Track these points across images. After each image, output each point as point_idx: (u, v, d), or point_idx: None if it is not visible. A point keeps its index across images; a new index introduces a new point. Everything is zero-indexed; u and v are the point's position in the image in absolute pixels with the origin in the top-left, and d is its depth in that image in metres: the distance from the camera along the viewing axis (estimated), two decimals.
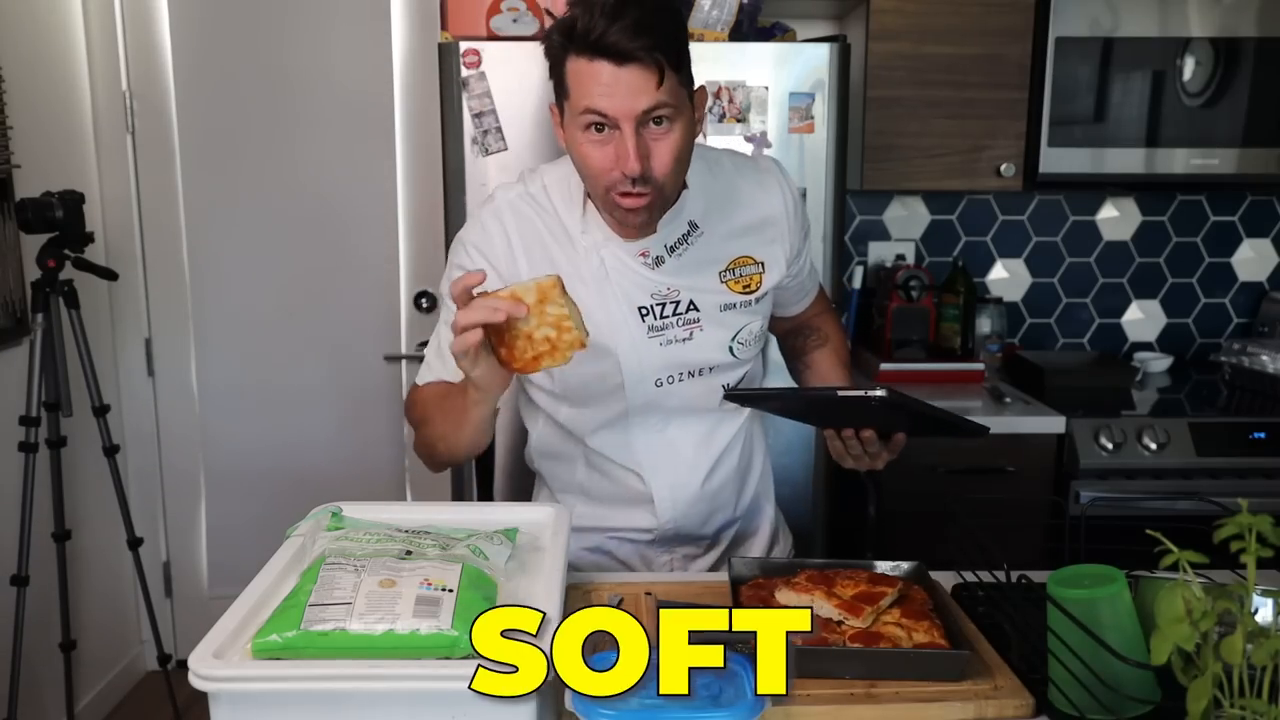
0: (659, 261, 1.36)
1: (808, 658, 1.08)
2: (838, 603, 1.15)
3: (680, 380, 1.40)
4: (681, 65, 1.22)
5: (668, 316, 1.37)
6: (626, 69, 1.17)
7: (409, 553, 1.07)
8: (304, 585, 1.00)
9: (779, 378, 1.83)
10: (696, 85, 1.29)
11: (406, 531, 1.14)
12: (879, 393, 1.14)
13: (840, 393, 1.22)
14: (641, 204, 1.25)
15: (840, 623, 1.13)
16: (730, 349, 1.41)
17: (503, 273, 1.36)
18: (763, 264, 1.42)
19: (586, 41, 1.17)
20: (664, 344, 1.38)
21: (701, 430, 1.45)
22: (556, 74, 1.23)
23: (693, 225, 1.38)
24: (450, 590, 0.98)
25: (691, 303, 1.38)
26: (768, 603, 1.18)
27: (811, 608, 1.15)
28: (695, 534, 1.49)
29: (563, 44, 1.20)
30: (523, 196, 1.39)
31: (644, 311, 1.37)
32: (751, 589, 1.21)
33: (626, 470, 1.45)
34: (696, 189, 1.38)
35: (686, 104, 1.24)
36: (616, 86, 1.18)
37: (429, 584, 0.98)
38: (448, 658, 0.92)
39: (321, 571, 1.01)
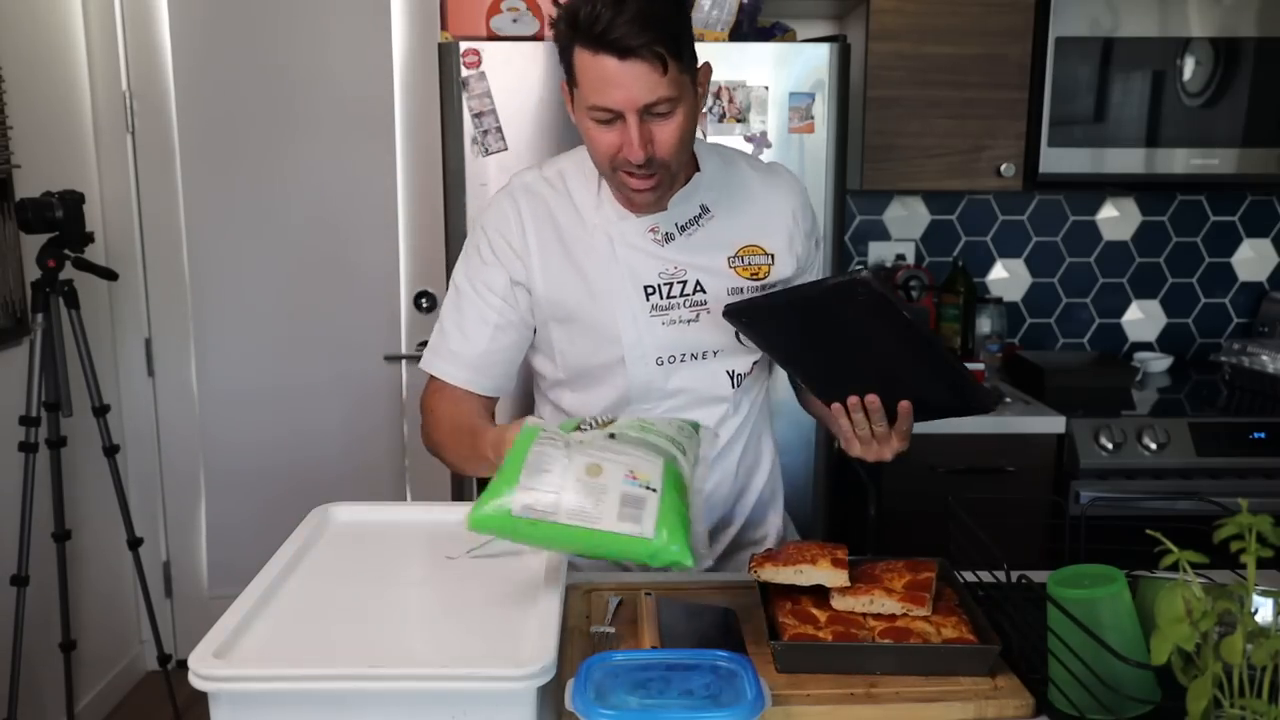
0: (668, 238, 1.39)
1: (838, 654, 1.08)
2: (899, 596, 1.14)
3: (682, 361, 1.41)
4: (683, 52, 1.24)
5: (674, 297, 1.39)
6: (629, 63, 1.19)
7: (613, 436, 1.07)
8: (513, 461, 0.99)
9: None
10: (700, 63, 1.31)
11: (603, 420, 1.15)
12: (864, 272, 1.13)
13: (830, 281, 1.21)
14: (649, 185, 1.30)
15: (899, 616, 1.13)
16: (736, 334, 1.41)
17: (515, 249, 1.41)
18: (772, 255, 1.43)
19: (591, 34, 1.19)
20: (667, 324, 1.40)
21: (709, 420, 1.44)
22: (565, 60, 1.26)
23: (704, 208, 1.41)
24: (654, 490, 0.98)
25: (699, 283, 1.40)
26: (808, 609, 1.16)
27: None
28: None
29: (569, 33, 1.22)
30: (538, 179, 1.43)
31: (650, 290, 1.39)
32: (784, 596, 1.18)
33: None
34: (710, 176, 1.42)
35: (689, 88, 1.27)
36: (620, 80, 1.20)
37: (634, 478, 0.98)
38: (647, 564, 0.95)
39: (533, 446, 1.00)
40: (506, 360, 1.47)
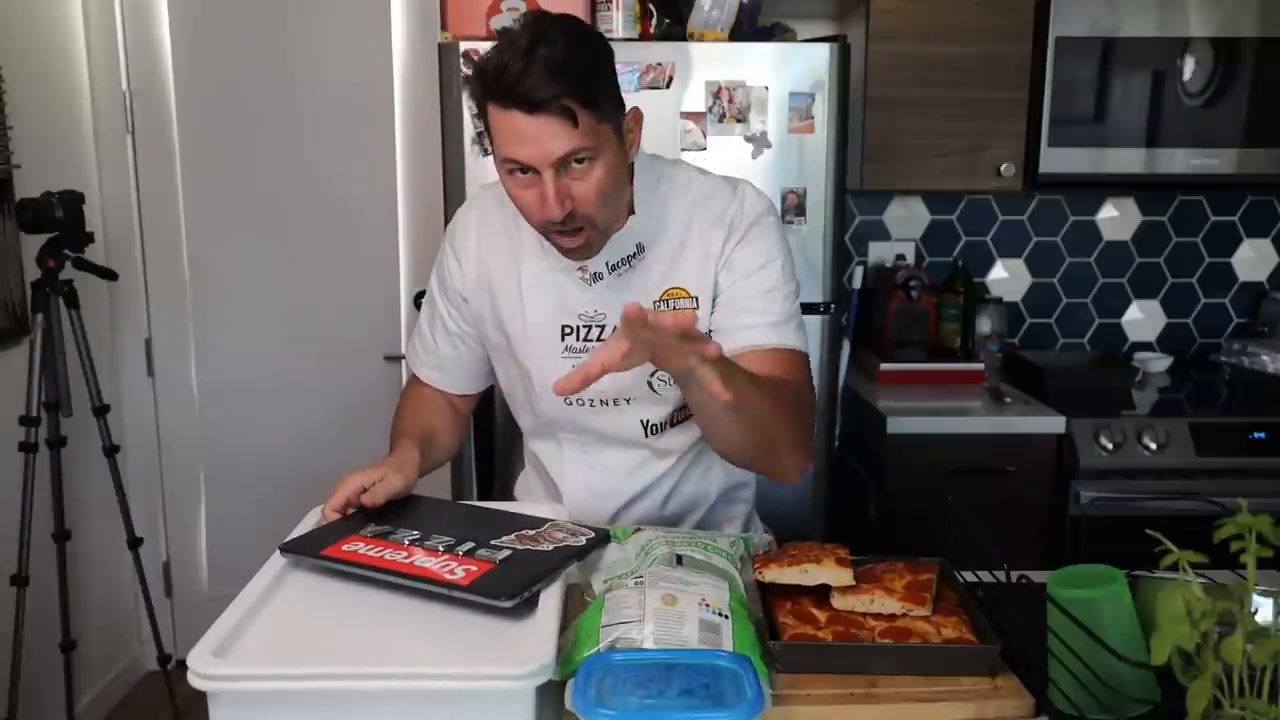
0: (596, 278, 1.35)
1: (838, 654, 1.08)
2: (899, 596, 1.14)
3: (592, 405, 1.38)
4: (598, 101, 1.19)
5: (590, 340, 1.35)
6: (538, 117, 1.15)
7: (680, 560, 1.15)
8: (592, 612, 1.07)
9: None
10: (629, 108, 1.26)
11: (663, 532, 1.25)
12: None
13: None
14: (578, 242, 1.26)
15: (899, 616, 1.13)
16: (649, 383, 1.36)
17: (461, 261, 1.43)
18: (696, 299, 1.35)
19: (499, 88, 1.16)
20: (578, 366, 1.35)
21: (630, 462, 1.42)
22: (481, 116, 1.22)
23: (640, 247, 1.35)
24: (726, 616, 1.06)
25: (616, 330, 1.33)
26: (808, 609, 1.16)
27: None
28: None
29: (481, 88, 1.18)
30: (497, 195, 1.39)
31: (567, 330, 1.36)
32: (783, 596, 1.17)
33: (552, 482, 1.49)
34: (656, 210, 1.35)
35: (610, 136, 1.22)
36: (531, 134, 1.16)
37: (706, 605, 1.06)
38: None
39: (608, 597, 1.08)
40: (470, 363, 1.50)
